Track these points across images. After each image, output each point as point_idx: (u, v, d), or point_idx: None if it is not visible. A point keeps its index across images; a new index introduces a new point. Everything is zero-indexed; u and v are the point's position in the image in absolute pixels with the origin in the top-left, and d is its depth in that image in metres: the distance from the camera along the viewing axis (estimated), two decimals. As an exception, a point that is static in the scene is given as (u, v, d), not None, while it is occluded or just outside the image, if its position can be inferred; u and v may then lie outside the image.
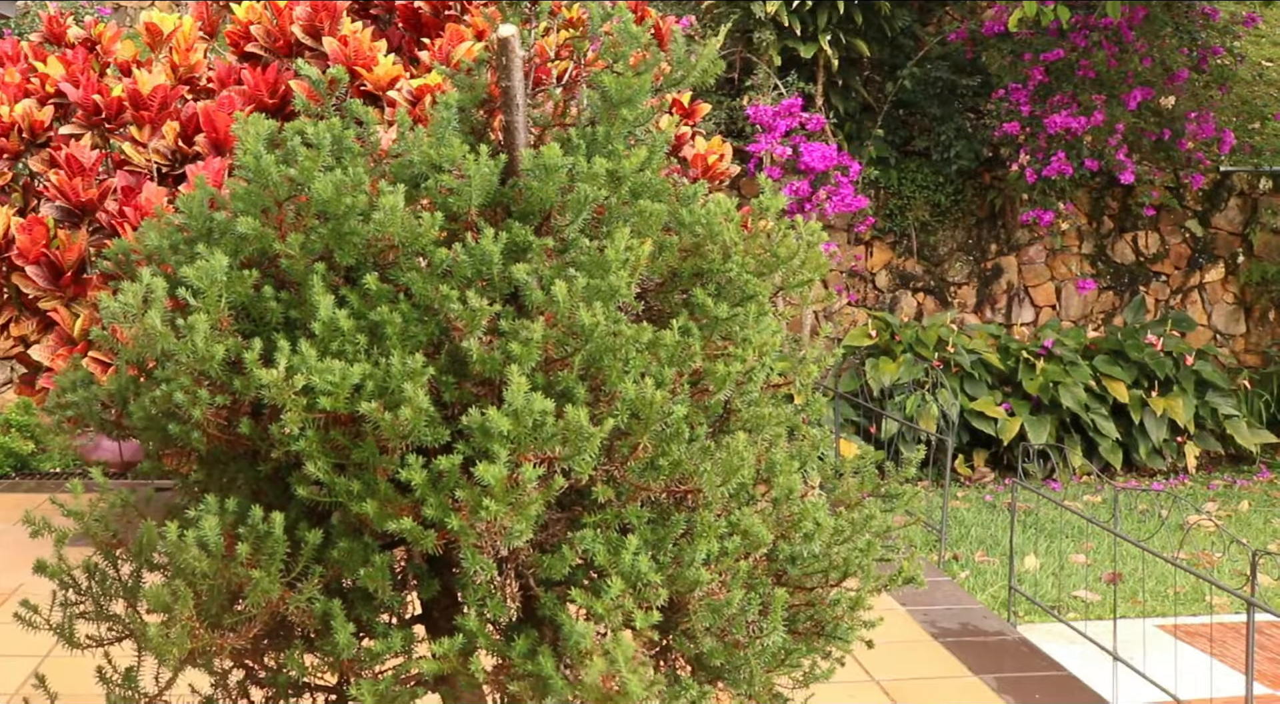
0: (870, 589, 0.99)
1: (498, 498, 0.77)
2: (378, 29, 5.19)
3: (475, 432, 0.78)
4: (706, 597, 0.86)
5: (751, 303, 0.95)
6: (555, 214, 0.88)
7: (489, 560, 0.81)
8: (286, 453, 0.80)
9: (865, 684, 3.86)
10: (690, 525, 0.87)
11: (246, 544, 0.77)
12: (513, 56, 0.88)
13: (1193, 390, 7.52)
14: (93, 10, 8.34)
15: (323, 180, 0.81)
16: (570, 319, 0.82)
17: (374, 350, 0.81)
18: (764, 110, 6.93)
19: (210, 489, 0.88)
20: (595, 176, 0.87)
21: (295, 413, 0.77)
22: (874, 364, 7.24)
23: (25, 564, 4.87)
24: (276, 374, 0.74)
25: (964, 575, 5.45)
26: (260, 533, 0.78)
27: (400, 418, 0.77)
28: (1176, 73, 7.71)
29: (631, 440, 0.83)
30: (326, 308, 0.79)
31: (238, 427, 0.81)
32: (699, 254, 0.97)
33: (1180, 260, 8.31)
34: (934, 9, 8.28)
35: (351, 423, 0.79)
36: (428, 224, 0.83)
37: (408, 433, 0.78)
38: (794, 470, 0.95)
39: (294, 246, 0.80)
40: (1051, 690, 3.86)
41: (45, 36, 5.32)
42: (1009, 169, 7.57)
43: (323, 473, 0.78)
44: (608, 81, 0.92)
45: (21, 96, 4.72)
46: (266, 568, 0.78)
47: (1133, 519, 6.49)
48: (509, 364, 0.80)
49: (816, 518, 0.95)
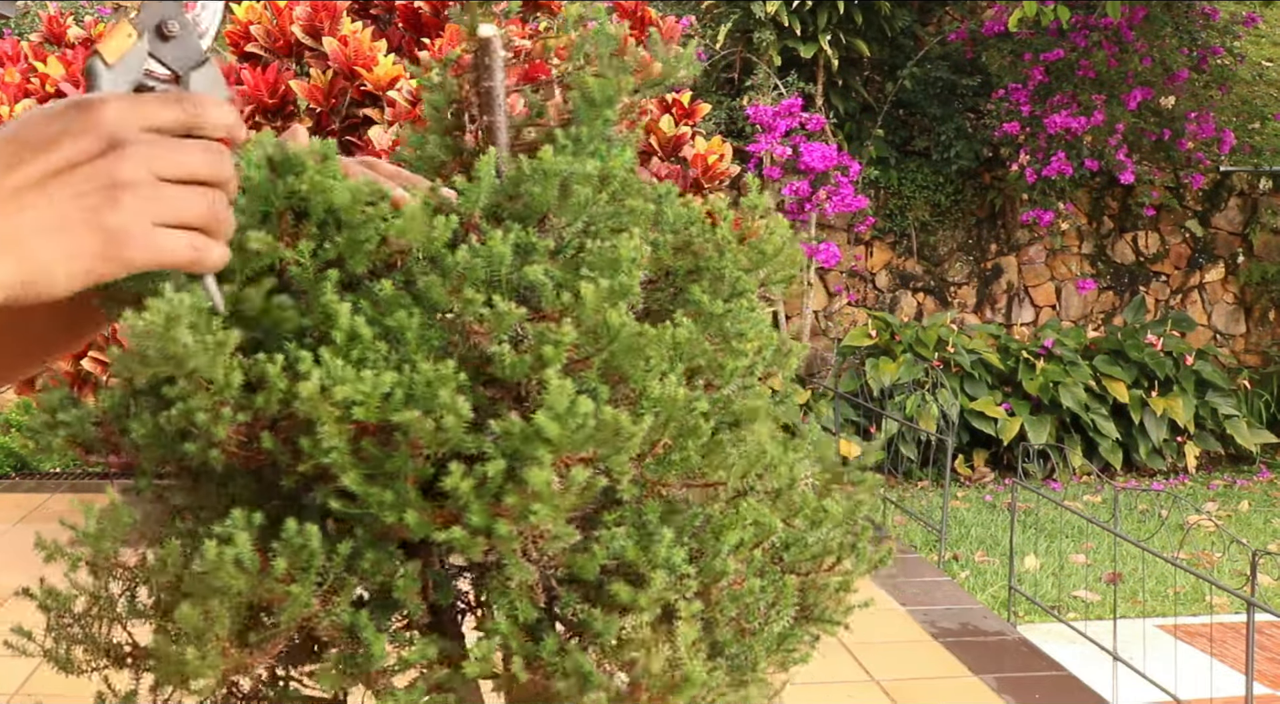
0: (861, 572, 1.00)
1: (545, 502, 0.77)
2: (378, 29, 5.19)
3: (514, 436, 0.78)
4: (729, 586, 0.88)
5: (744, 298, 0.96)
6: (551, 215, 0.89)
7: (530, 565, 0.82)
8: (316, 466, 0.80)
9: (865, 684, 3.86)
10: (709, 518, 0.88)
11: (283, 558, 0.77)
12: (494, 56, 0.88)
13: (1193, 390, 7.52)
14: (93, 10, 8.34)
15: (340, 188, 0.81)
16: (595, 319, 0.82)
17: (392, 357, 0.81)
18: (764, 110, 6.93)
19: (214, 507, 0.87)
20: (590, 177, 0.88)
21: (332, 425, 0.77)
22: (874, 364, 7.24)
23: (25, 564, 4.86)
24: (313, 387, 0.74)
25: (964, 575, 5.45)
26: (295, 547, 0.78)
27: (443, 425, 0.77)
28: (1176, 73, 7.71)
29: (651, 437, 0.84)
30: (346, 316, 0.78)
31: (259, 443, 0.81)
32: (690, 251, 0.97)
33: (1180, 260, 8.31)
34: (934, 9, 8.28)
35: (381, 433, 0.79)
36: (442, 227, 0.83)
37: (448, 440, 0.78)
38: (795, 460, 0.96)
39: (304, 254, 0.80)
40: (1051, 690, 3.87)
41: (45, 36, 5.32)
42: (1009, 169, 7.57)
43: (356, 485, 0.78)
44: (591, 82, 0.92)
45: (21, 96, 4.72)
46: (303, 582, 0.78)
47: (1133, 519, 6.49)
48: (539, 367, 0.80)
49: (824, 505, 0.96)
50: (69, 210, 0.66)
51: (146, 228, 0.68)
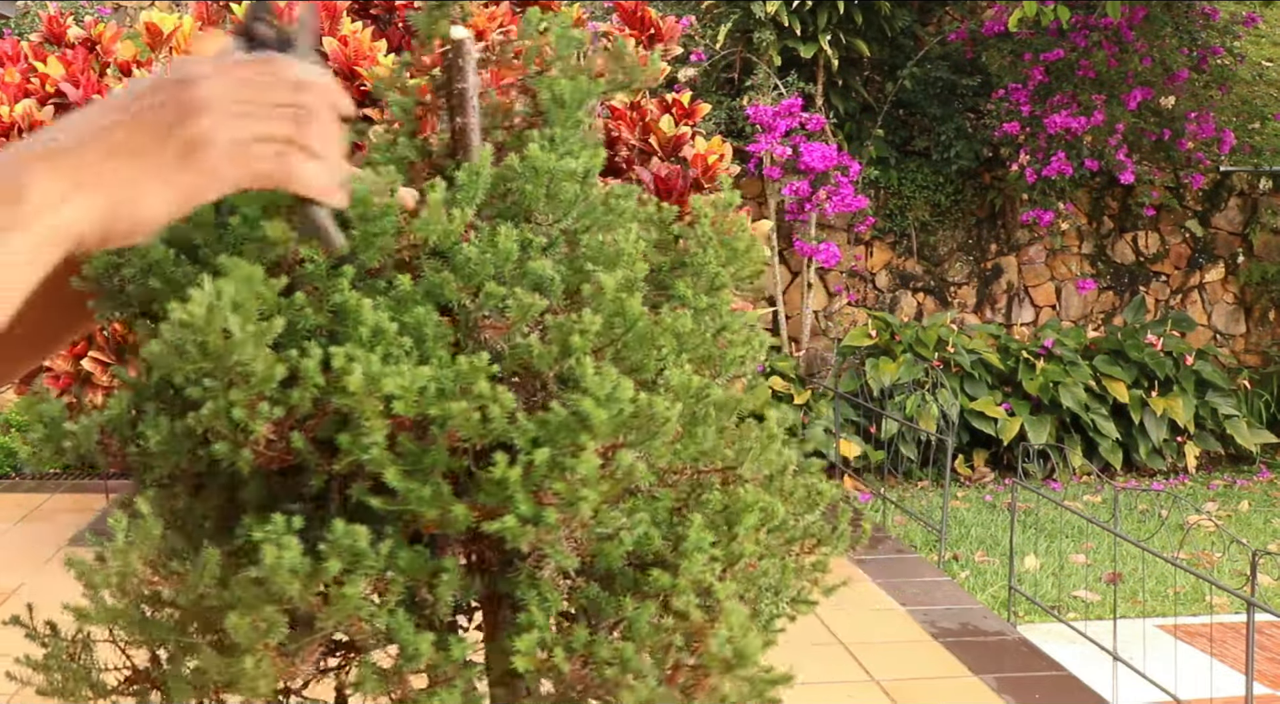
0: (839, 552, 1.03)
1: (592, 488, 0.77)
2: (378, 29, 5.19)
3: (552, 425, 0.78)
4: (744, 569, 0.90)
5: (723, 292, 0.98)
6: (538, 213, 0.90)
7: (573, 555, 0.83)
8: (351, 464, 0.79)
9: (865, 684, 3.86)
10: (726, 503, 0.91)
11: (336, 560, 0.77)
12: (468, 58, 0.89)
13: (1193, 390, 7.52)
14: (93, 10, 8.33)
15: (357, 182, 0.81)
16: (615, 309, 0.83)
17: (413, 353, 0.82)
18: (764, 110, 6.93)
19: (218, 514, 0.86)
20: (574, 174, 0.89)
21: (376, 420, 0.77)
22: (874, 364, 7.24)
23: (25, 564, 4.87)
24: (359, 380, 0.74)
25: (964, 575, 5.45)
26: (342, 548, 0.78)
27: (488, 416, 0.78)
28: (1176, 73, 7.71)
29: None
30: (369, 311, 0.79)
31: (288, 442, 0.81)
32: (674, 248, 0.99)
33: (1180, 260, 8.31)
34: (934, 9, 8.28)
35: (417, 428, 0.79)
36: (458, 221, 0.84)
37: (492, 431, 0.78)
38: (786, 448, 0.99)
39: (319, 250, 0.80)
40: (1051, 690, 3.86)
41: (45, 36, 5.32)
42: (1009, 169, 7.57)
43: (397, 480, 0.78)
44: (564, 84, 0.93)
45: (21, 96, 4.72)
46: (352, 583, 0.78)
47: (1133, 519, 6.49)
48: (564, 356, 0.81)
49: (820, 488, 0.99)
50: (151, 133, 0.68)
51: (229, 139, 0.69)
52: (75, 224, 0.66)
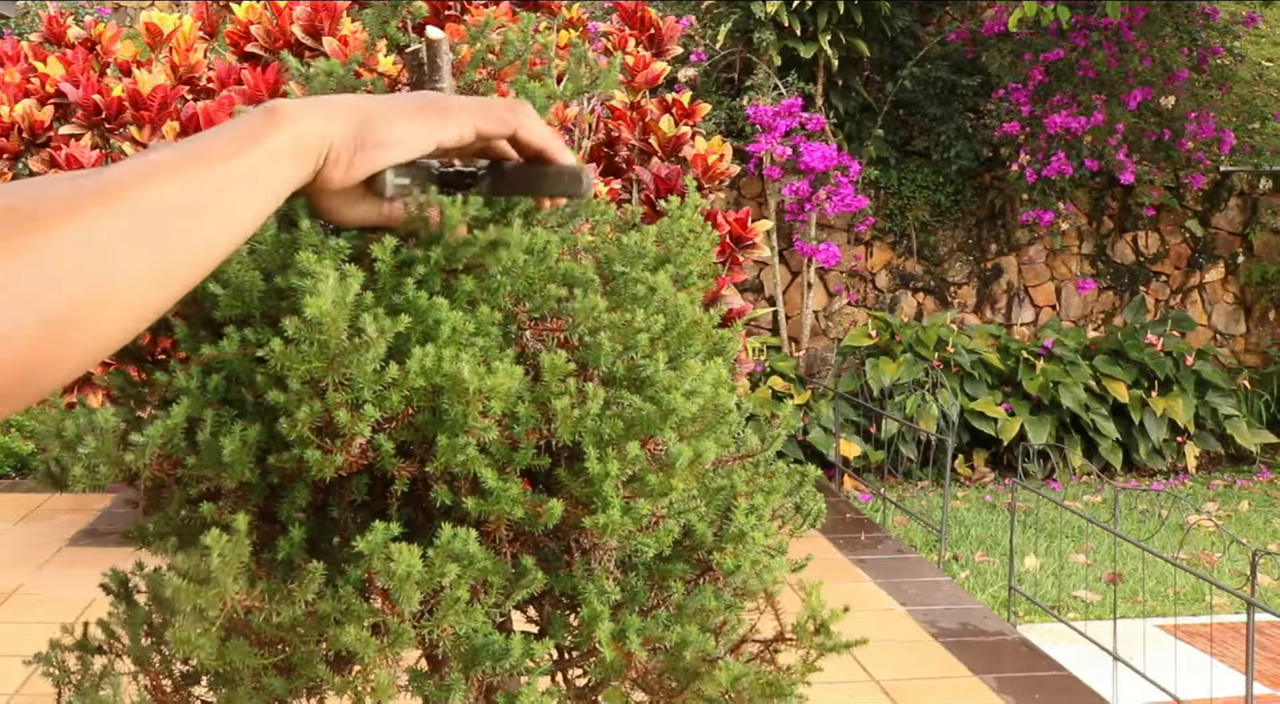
0: (795, 532, 1.07)
1: (681, 477, 0.79)
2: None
3: (644, 419, 0.80)
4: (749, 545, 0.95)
5: (694, 288, 1.00)
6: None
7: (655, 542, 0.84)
8: (443, 466, 0.79)
9: (865, 684, 3.86)
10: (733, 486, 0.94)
11: (454, 565, 0.78)
12: (444, 59, 0.89)
13: (1193, 390, 7.52)
14: (93, 10, 8.34)
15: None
16: (663, 305, 0.86)
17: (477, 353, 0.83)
18: (764, 110, 6.93)
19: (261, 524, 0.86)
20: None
21: (477, 420, 0.77)
22: (874, 364, 7.24)
23: (25, 564, 4.87)
24: (474, 380, 0.75)
25: (964, 575, 5.45)
26: (451, 552, 0.79)
27: (589, 412, 0.79)
28: (1176, 73, 7.71)
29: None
30: (447, 310, 0.79)
31: (378, 446, 0.81)
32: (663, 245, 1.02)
33: (1180, 260, 8.31)
34: (934, 9, 8.28)
35: (500, 426, 0.80)
36: (542, 237, 0.86)
37: (587, 427, 0.79)
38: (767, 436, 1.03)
39: (386, 251, 0.81)
40: (1051, 690, 3.86)
41: (45, 36, 5.32)
42: (1009, 169, 7.57)
43: (494, 480, 0.78)
44: (533, 87, 0.95)
45: (21, 96, 4.72)
46: (459, 587, 0.79)
47: (1133, 519, 6.49)
48: (626, 351, 0.83)
49: (804, 471, 1.03)
50: (406, 98, 0.77)
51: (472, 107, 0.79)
52: (320, 135, 0.69)
